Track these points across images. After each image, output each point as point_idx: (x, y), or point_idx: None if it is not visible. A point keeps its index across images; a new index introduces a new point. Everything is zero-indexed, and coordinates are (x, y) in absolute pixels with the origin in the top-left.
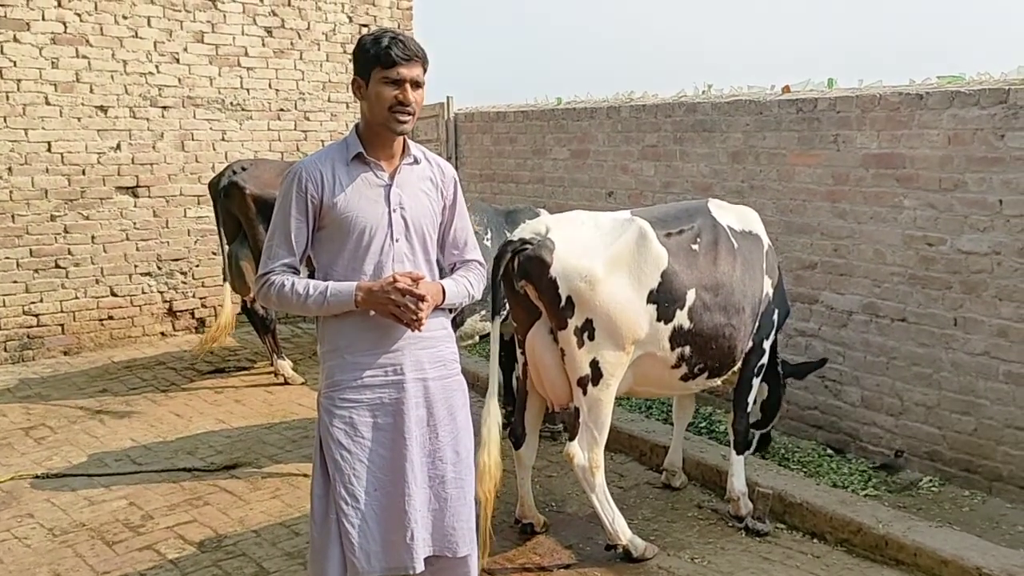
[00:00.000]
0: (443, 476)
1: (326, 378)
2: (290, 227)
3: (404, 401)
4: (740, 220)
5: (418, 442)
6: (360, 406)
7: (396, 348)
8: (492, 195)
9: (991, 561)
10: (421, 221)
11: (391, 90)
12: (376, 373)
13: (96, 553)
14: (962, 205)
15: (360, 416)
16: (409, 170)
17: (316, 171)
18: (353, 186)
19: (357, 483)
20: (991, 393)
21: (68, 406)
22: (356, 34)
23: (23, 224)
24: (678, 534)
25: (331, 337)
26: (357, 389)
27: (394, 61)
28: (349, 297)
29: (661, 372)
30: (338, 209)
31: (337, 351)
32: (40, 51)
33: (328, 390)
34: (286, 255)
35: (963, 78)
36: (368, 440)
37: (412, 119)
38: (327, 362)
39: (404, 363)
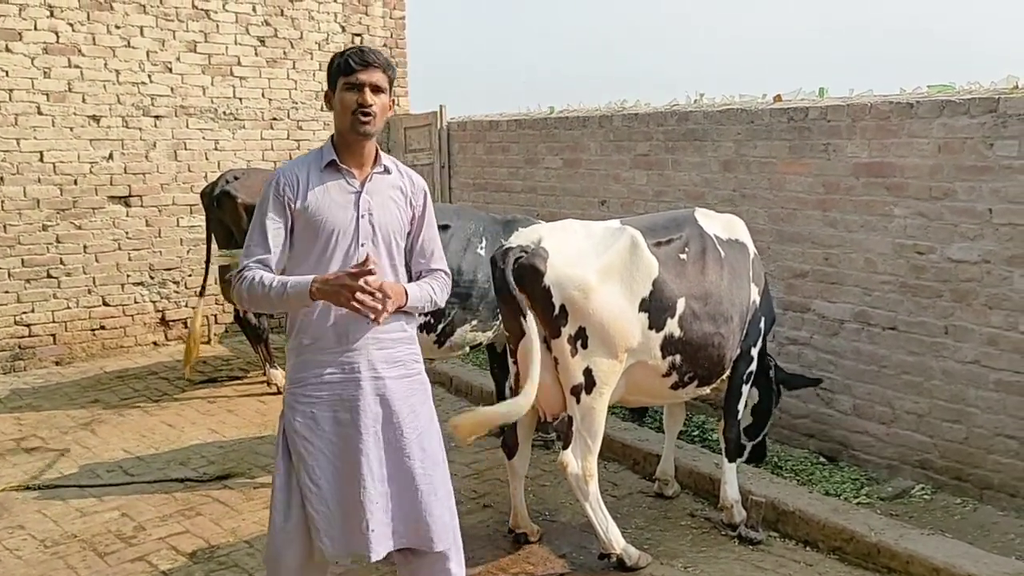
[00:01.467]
0: (411, 471)
1: (291, 374)
2: (267, 227)
3: (360, 398)
4: (726, 229)
5: (374, 438)
6: (321, 402)
7: (355, 348)
8: (484, 204)
9: (983, 569)
10: (388, 228)
11: (352, 95)
12: (335, 371)
13: (88, 564)
14: (952, 214)
15: (321, 411)
16: (380, 178)
17: (292, 175)
18: (324, 191)
19: (320, 472)
20: (981, 401)
21: (60, 417)
22: (349, 43)
23: (15, 234)
24: (671, 543)
25: (296, 335)
26: (318, 386)
27: (352, 68)
28: (305, 288)
29: (652, 380)
30: (309, 212)
31: (301, 349)
32: (32, 61)
33: (292, 386)
34: (260, 252)
35: (953, 87)
36: (328, 433)
37: (374, 121)
38: (292, 359)
39: (360, 363)
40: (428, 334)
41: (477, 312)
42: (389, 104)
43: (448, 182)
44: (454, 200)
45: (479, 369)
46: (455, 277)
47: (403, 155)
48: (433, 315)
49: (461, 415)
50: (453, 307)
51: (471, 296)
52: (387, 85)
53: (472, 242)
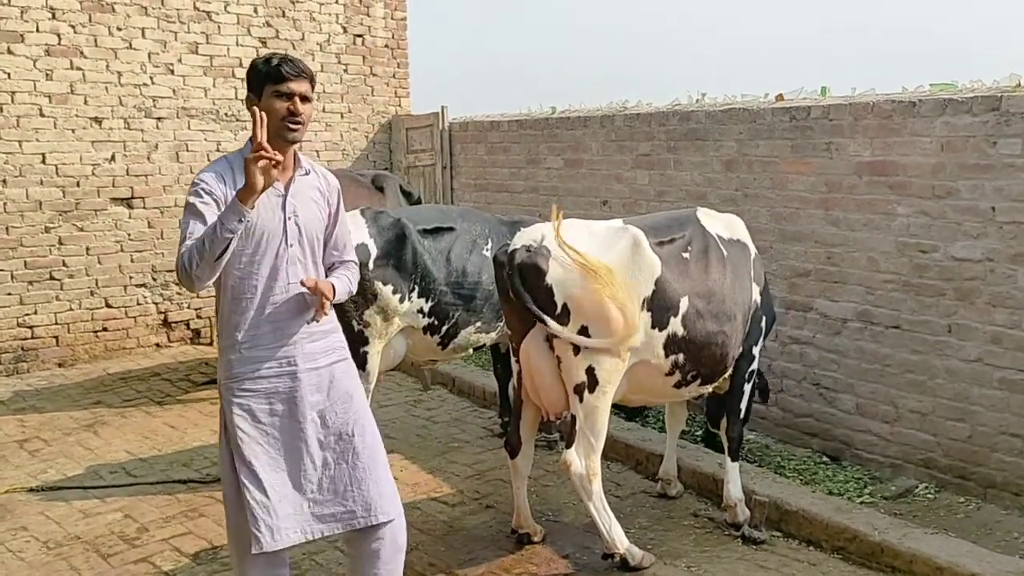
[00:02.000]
0: (355, 450)
1: (226, 370)
2: (203, 215)
3: (297, 389)
4: (728, 228)
5: (313, 425)
6: (257, 395)
7: (290, 343)
8: (486, 205)
9: (986, 568)
10: (312, 228)
11: (283, 103)
12: (272, 365)
13: (91, 566)
14: (955, 212)
15: (258, 404)
16: (302, 180)
17: (213, 179)
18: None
19: (257, 464)
20: (985, 400)
21: (63, 418)
22: (351, 44)
23: (17, 236)
24: (674, 543)
25: (230, 333)
26: (254, 380)
27: (284, 77)
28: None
29: (655, 379)
30: None
31: (235, 346)
32: (34, 63)
33: (228, 381)
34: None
35: (955, 86)
36: (265, 425)
37: (302, 128)
38: (227, 355)
39: (297, 355)
40: (432, 336)
41: (481, 314)
42: (311, 113)
43: (450, 183)
44: (456, 201)
45: (481, 370)
46: (459, 279)
47: (405, 156)
48: (437, 317)
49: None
50: (458, 309)
51: (475, 298)
52: (312, 95)
53: (478, 244)
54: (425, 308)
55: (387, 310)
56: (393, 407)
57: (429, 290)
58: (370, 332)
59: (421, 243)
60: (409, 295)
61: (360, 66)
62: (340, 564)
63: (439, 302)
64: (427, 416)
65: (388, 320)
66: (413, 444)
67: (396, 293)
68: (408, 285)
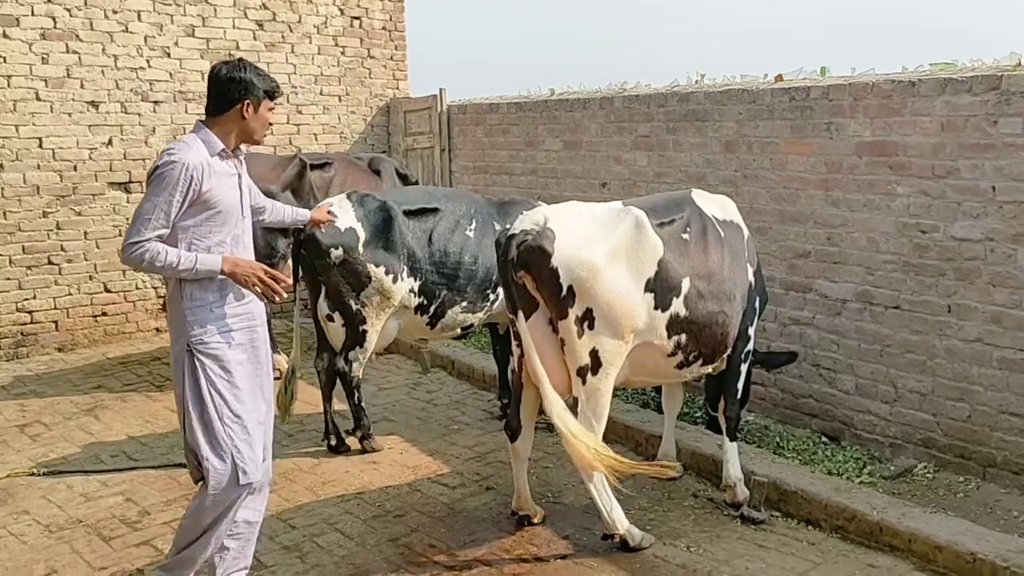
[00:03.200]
0: (269, 403)
1: (197, 325)
2: (171, 206)
3: (257, 342)
4: (722, 209)
5: (266, 376)
6: (228, 347)
7: (248, 301)
8: (485, 187)
9: (985, 546)
10: (252, 199)
11: (270, 116)
12: (237, 322)
13: (93, 549)
14: (955, 192)
15: (232, 353)
16: (243, 161)
17: (198, 161)
18: (218, 176)
19: (238, 405)
20: (985, 379)
21: (63, 403)
22: (348, 26)
23: (15, 221)
24: (674, 523)
25: (199, 295)
26: (224, 334)
27: (276, 96)
28: (216, 266)
29: (657, 360)
30: (211, 192)
31: (205, 306)
32: (30, 47)
33: (200, 334)
34: (162, 228)
35: (955, 65)
36: (235, 375)
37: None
38: (198, 315)
39: (255, 311)
40: (421, 316)
41: (465, 293)
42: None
43: (448, 165)
44: (454, 184)
45: (481, 352)
46: (443, 259)
47: (403, 139)
48: (425, 297)
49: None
50: (443, 288)
51: (459, 278)
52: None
53: (461, 224)
54: (415, 288)
55: (383, 291)
56: (393, 390)
57: (416, 270)
58: (367, 312)
59: (407, 224)
60: (401, 275)
61: (358, 48)
62: (341, 546)
63: (426, 282)
64: (427, 399)
65: (386, 299)
66: (413, 427)
67: (389, 274)
68: (399, 266)
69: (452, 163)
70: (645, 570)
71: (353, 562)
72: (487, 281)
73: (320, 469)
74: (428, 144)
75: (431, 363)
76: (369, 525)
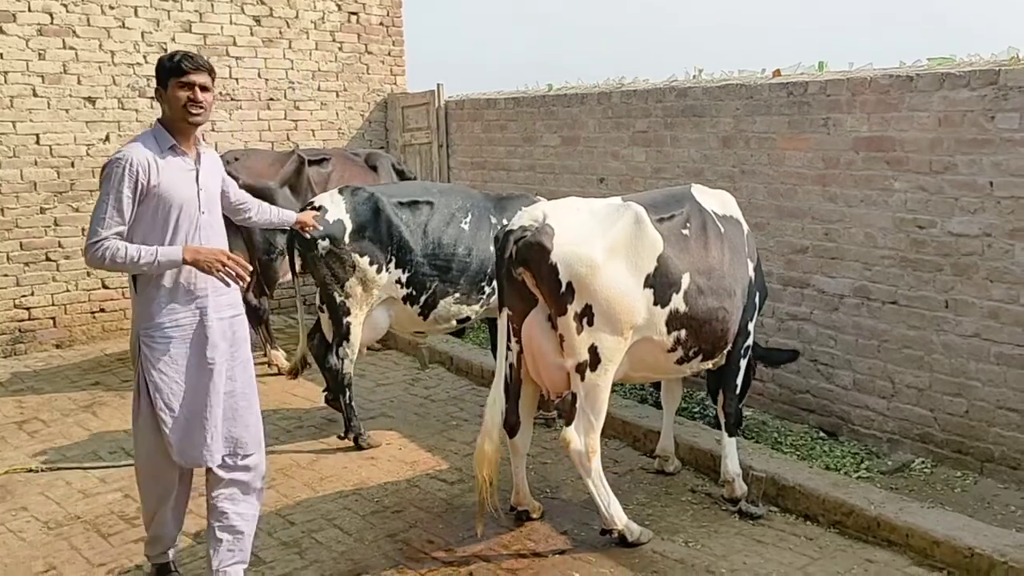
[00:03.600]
0: (234, 391)
1: (146, 321)
2: (122, 203)
3: (208, 336)
4: (721, 205)
5: (219, 366)
6: (176, 340)
7: (201, 296)
8: (483, 183)
9: (983, 541)
10: (215, 196)
11: (184, 92)
12: (185, 315)
13: (91, 545)
14: (952, 187)
15: (176, 348)
16: (205, 157)
17: (143, 158)
18: (171, 171)
19: (173, 399)
20: (982, 375)
21: (61, 399)
22: (345, 22)
23: (12, 217)
24: (672, 518)
25: (150, 291)
26: (172, 328)
27: (184, 70)
28: (177, 256)
29: (657, 356)
30: (161, 189)
31: (155, 300)
32: (27, 43)
33: (148, 330)
34: (118, 225)
35: (953, 60)
36: (181, 366)
37: (204, 114)
38: (147, 308)
39: (208, 307)
40: (412, 306)
41: (458, 285)
42: (213, 99)
43: (446, 161)
44: (452, 179)
45: (479, 348)
46: (436, 250)
47: (401, 134)
48: (415, 288)
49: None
50: (434, 280)
51: (451, 269)
52: (211, 85)
53: (456, 217)
54: (403, 279)
55: (366, 281)
56: (391, 386)
57: (406, 261)
58: (351, 303)
59: (397, 215)
60: (386, 266)
61: (355, 44)
62: (340, 542)
63: (416, 273)
64: (425, 395)
65: (368, 290)
66: (412, 422)
67: (373, 264)
68: (385, 256)
69: (450, 159)
70: (644, 565)
71: (352, 558)
72: (481, 273)
73: (318, 465)
74: (426, 140)
75: (429, 359)
76: (367, 521)
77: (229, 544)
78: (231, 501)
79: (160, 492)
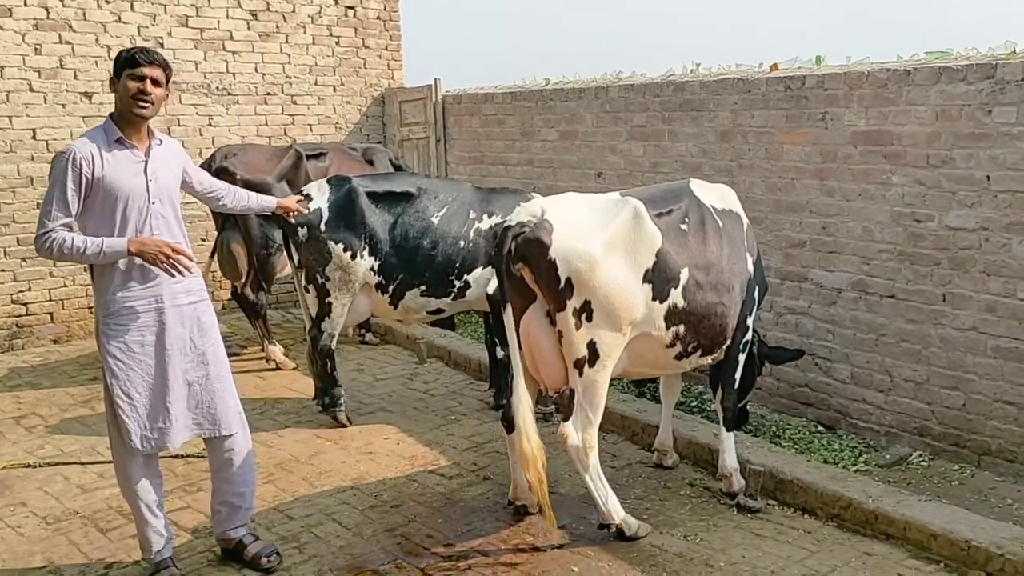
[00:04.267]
0: (206, 375)
1: (103, 309)
2: (67, 195)
3: (164, 323)
4: (721, 199)
5: (178, 352)
6: (131, 329)
7: (157, 283)
8: (481, 177)
9: (980, 534)
10: (170, 187)
11: (135, 83)
12: (142, 303)
13: (90, 541)
14: (950, 181)
15: (131, 336)
16: (157, 149)
17: (87, 151)
18: (117, 163)
19: (130, 386)
20: (980, 368)
21: (59, 395)
22: (342, 16)
23: (9, 212)
24: (671, 512)
25: (106, 280)
26: (127, 316)
27: (138, 63)
28: (122, 247)
29: (656, 352)
30: (107, 181)
31: (111, 288)
32: (23, 37)
33: (105, 318)
34: (64, 217)
35: (950, 54)
36: (138, 354)
37: (151, 107)
38: (103, 297)
39: (163, 295)
40: (382, 294)
41: (423, 277)
42: (165, 95)
43: (444, 156)
44: (450, 173)
45: (477, 343)
46: (402, 242)
47: (398, 129)
48: (384, 276)
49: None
50: (400, 270)
51: (416, 261)
52: (164, 80)
53: (429, 211)
54: (375, 266)
55: (343, 267)
56: (390, 380)
57: (377, 250)
58: (331, 286)
59: (370, 206)
60: (361, 253)
61: (352, 38)
62: (339, 537)
63: (385, 262)
64: (424, 389)
65: (347, 276)
66: (410, 417)
67: (347, 251)
68: (359, 244)
69: (448, 153)
70: (642, 559)
71: (351, 552)
72: (448, 267)
73: (317, 460)
74: (423, 134)
75: (428, 354)
76: (366, 515)
77: (228, 514)
78: (227, 482)
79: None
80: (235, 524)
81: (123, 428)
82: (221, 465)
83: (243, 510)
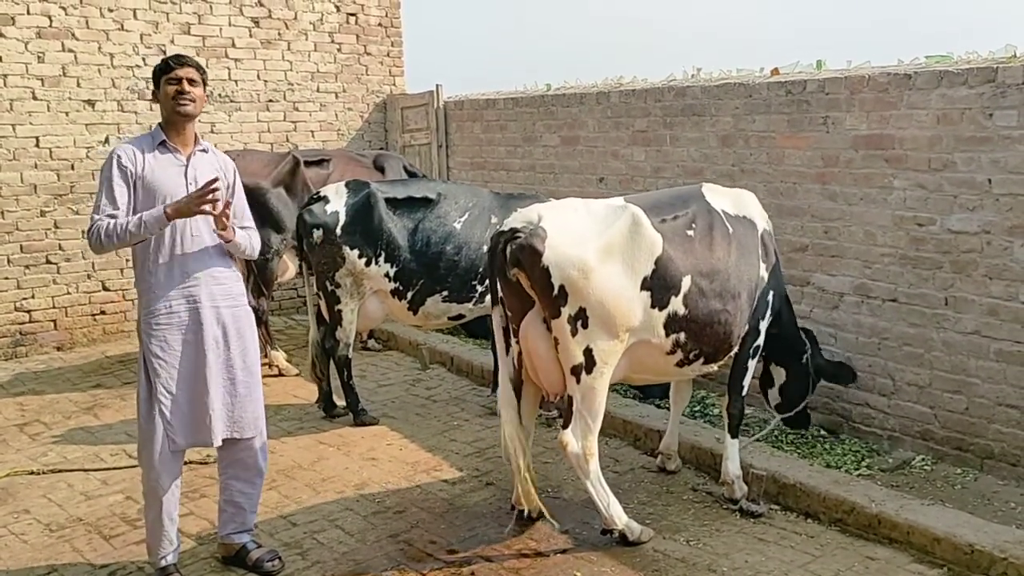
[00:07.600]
0: (234, 379)
1: (144, 307)
2: (113, 191)
3: (202, 323)
4: (735, 205)
5: (214, 353)
6: (171, 327)
7: (197, 284)
8: (483, 183)
9: (983, 538)
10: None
11: (172, 87)
12: (181, 303)
13: (94, 548)
14: (951, 185)
15: (171, 335)
16: (201, 156)
17: (130, 151)
18: (159, 164)
19: (171, 383)
20: (982, 372)
21: (62, 402)
22: (344, 23)
23: (13, 220)
24: (674, 517)
25: (147, 278)
26: (167, 315)
27: (171, 67)
28: (160, 214)
29: (656, 359)
30: (147, 180)
31: (152, 288)
32: (26, 45)
33: (147, 317)
34: (112, 209)
35: (951, 58)
36: (178, 352)
37: (193, 104)
38: (145, 296)
39: (201, 296)
40: (400, 300)
41: (446, 283)
42: (204, 96)
43: (446, 161)
44: (452, 179)
45: (480, 348)
46: (424, 248)
47: (400, 135)
48: (402, 282)
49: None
50: (420, 277)
51: (438, 267)
52: (200, 80)
53: (451, 216)
54: (391, 273)
55: (355, 272)
56: (393, 386)
57: (395, 256)
58: (341, 292)
59: (388, 212)
60: (375, 259)
61: (354, 45)
62: (342, 543)
63: (403, 268)
64: (427, 395)
65: (358, 282)
66: (413, 423)
67: (362, 257)
68: (374, 250)
69: (449, 159)
70: (645, 564)
71: (354, 558)
72: (472, 272)
73: (320, 466)
74: (425, 140)
75: (430, 359)
76: (369, 521)
77: (231, 515)
78: (235, 479)
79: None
80: (239, 528)
81: (165, 425)
82: (232, 463)
83: (247, 512)
